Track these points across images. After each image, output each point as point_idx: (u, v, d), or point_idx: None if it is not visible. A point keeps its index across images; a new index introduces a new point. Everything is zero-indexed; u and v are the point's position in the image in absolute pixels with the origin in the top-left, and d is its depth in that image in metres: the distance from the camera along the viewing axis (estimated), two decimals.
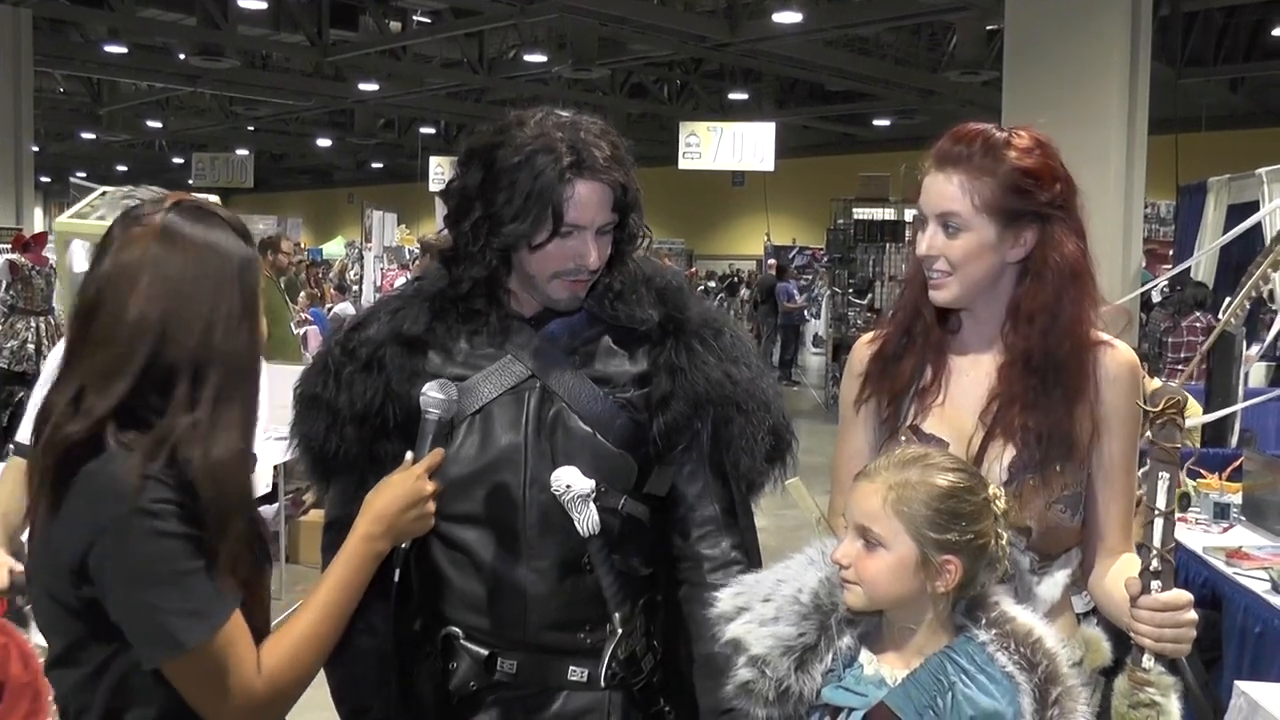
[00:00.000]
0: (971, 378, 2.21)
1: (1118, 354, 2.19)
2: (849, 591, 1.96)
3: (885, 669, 1.97)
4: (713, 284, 27.88)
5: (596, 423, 2.16)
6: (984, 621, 1.96)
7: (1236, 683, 3.38)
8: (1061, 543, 2.18)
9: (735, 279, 28.62)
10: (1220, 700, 3.64)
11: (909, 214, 16.72)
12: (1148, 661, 1.96)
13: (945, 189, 2.13)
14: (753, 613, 2.02)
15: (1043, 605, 2.14)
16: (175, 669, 1.75)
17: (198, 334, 1.78)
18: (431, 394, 2.08)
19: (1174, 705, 1.97)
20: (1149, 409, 1.96)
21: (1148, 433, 1.96)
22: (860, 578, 1.94)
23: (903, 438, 2.18)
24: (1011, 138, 2.14)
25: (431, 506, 2.02)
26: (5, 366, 10.73)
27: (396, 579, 2.10)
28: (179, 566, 1.72)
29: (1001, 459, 2.13)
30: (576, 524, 2.09)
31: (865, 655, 2.00)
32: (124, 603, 1.73)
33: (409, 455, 2.07)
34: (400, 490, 2.02)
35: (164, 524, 1.71)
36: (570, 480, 2.08)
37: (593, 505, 2.09)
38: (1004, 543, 1.97)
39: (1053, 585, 2.17)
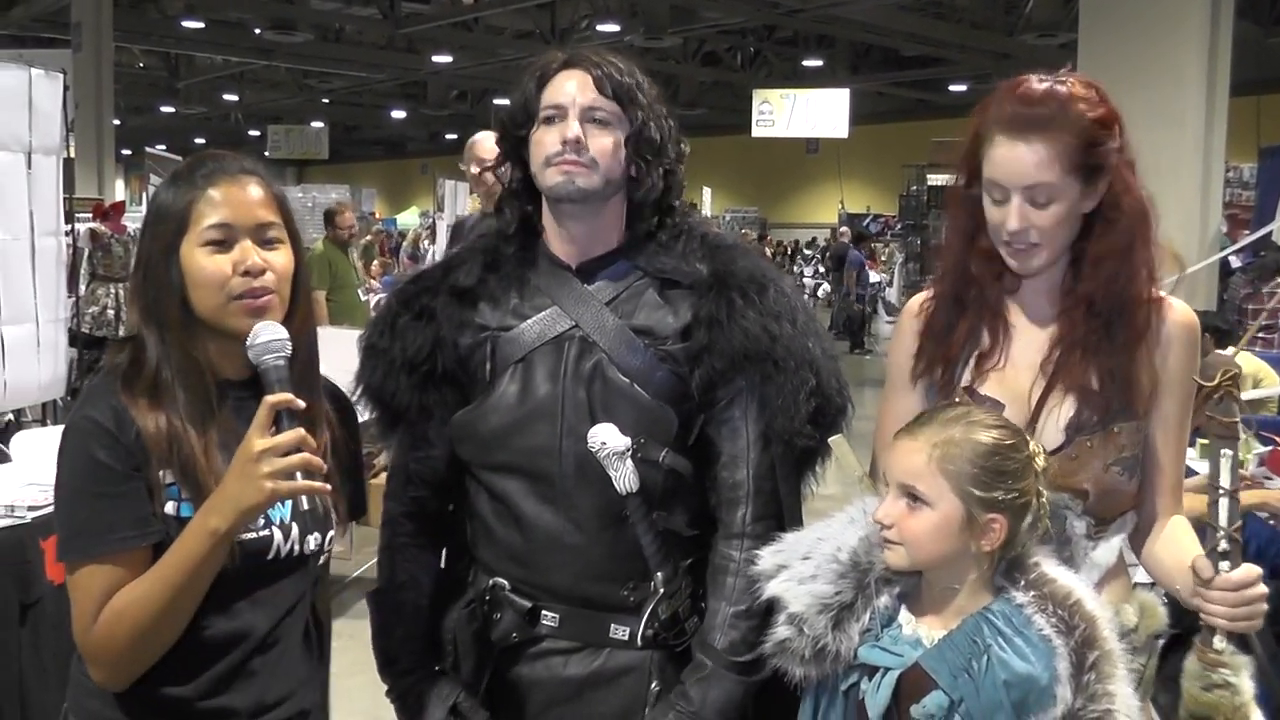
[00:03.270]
0: (1030, 336, 2.17)
1: (1177, 312, 2.16)
2: (891, 551, 1.95)
3: (923, 629, 1.96)
4: (809, 252, 27.58)
5: (636, 374, 2.15)
6: (1023, 583, 1.93)
7: None
8: (1118, 506, 2.15)
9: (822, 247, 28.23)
10: None
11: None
12: (1219, 642, 1.94)
13: (1030, 158, 2.02)
14: (791, 570, 2.02)
15: (1098, 570, 2.11)
16: (66, 577, 1.90)
17: (138, 282, 1.97)
18: (257, 340, 1.89)
19: (1247, 684, 1.95)
20: (1204, 383, 1.93)
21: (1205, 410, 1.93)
22: (903, 537, 1.92)
23: (955, 400, 2.14)
24: (1072, 89, 2.08)
25: (264, 467, 1.76)
26: (87, 331, 10.92)
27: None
28: (82, 486, 1.86)
29: (1059, 416, 2.10)
30: (614, 481, 2.09)
31: (904, 615, 1.99)
32: (54, 501, 1.92)
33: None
34: (235, 457, 1.82)
35: (85, 442, 1.86)
36: (606, 437, 2.08)
37: (630, 462, 2.09)
38: (1044, 501, 1.95)
39: (1109, 550, 2.13)
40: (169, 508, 1.87)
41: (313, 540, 2.02)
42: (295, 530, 1.98)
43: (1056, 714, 1.84)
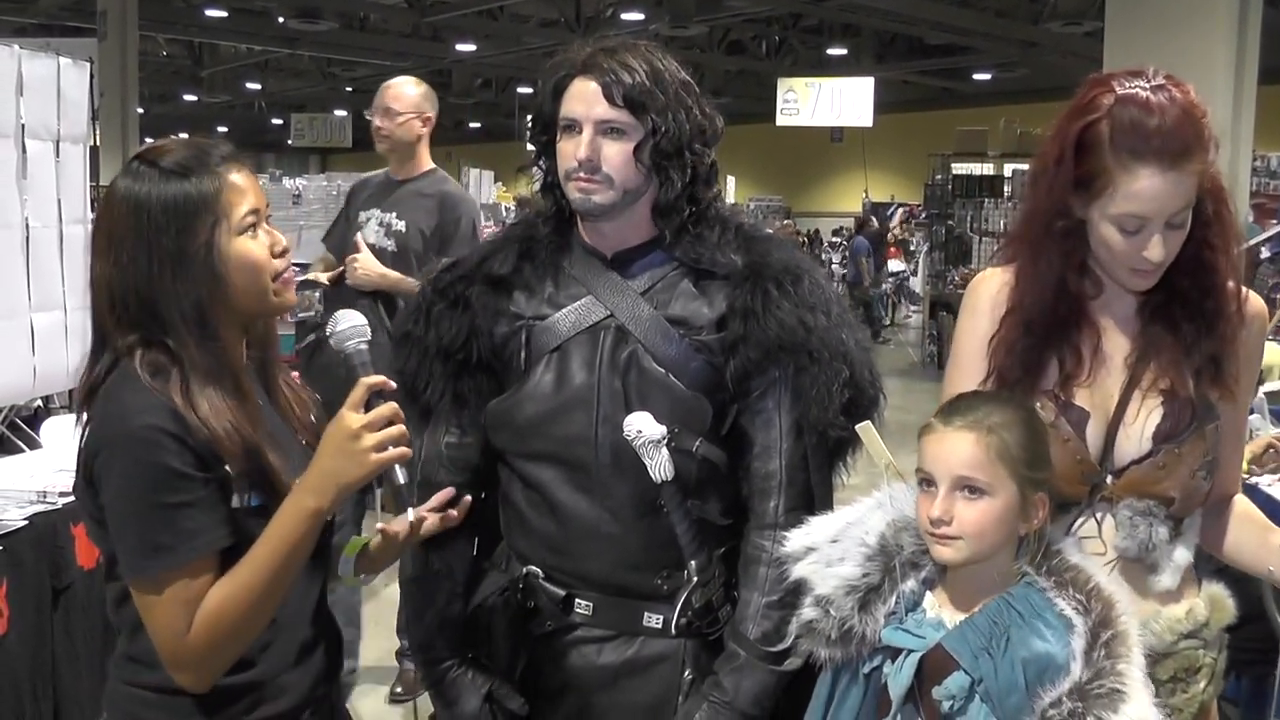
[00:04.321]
0: (1114, 342, 2.12)
1: (1251, 302, 2.14)
2: (948, 547, 1.91)
3: (946, 613, 1.96)
4: (835, 239, 27.44)
5: (671, 364, 2.15)
6: (1045, 569, 1.94)
7: None
8: (1194, 506, 2.14)
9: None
10: None
11: (1008, 169, 16.46)
12: None
13: (1179, 188, 1.92)
14: (820, 553, 2.03)
15: (1179, 572, 2.11)
16: (136, 595, 1.84)
17: (143, 288, 1.86)
18: (338, 329, 1.97)
19: None
20: None
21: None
22: (964, 531, 1.90)
23: (1040, 405, 2.07)
24: (1186, 97, 1.95)
25: (366, 441, 1.82)
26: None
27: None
28: (156, 498, 1.79)
29: (1146, 425, 2.06)
30: (650, 470, 2.09)
31: (929, 600, 1.99)
32: (110, 518, 1.83)
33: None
34: (326, 436, 1.86)
35: (152, 453, 1.79)
36: (642, 425, 2.09)
37: (665, 451, 2.09)
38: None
39: (1186, 551, 2.13)
40: (234, 500, 1.87)
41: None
42: None
43: (1064, 687, 1.84)
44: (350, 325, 1.95)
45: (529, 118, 2.28)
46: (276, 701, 1.95)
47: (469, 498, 2.16)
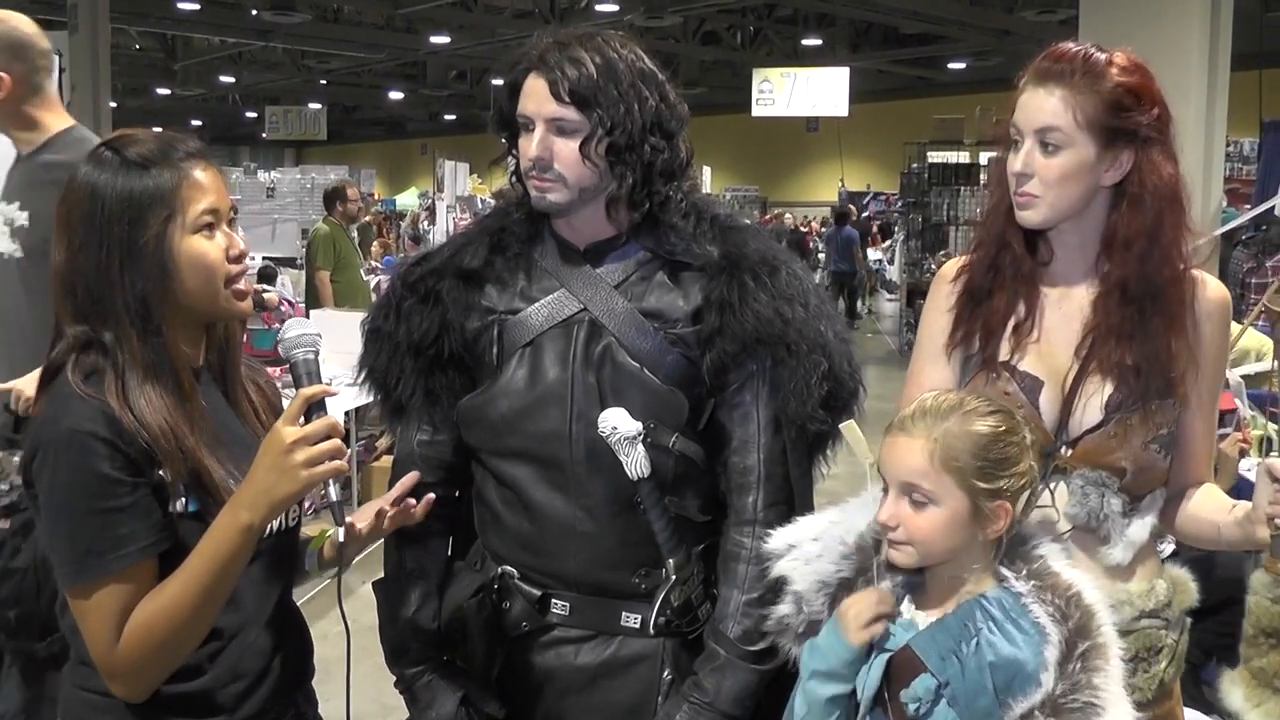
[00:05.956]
0: (1064, 311, 2.16)
1: (1211, 288, 2.16)
2: (898, 552, 1.90)
3: (920, 615, 1.93)
4: (825, 229, 27.48)
5: (646, 358, 2.12)
6: (1025, 572, 1.91)
7: None
8: (1151, 483, 2.15)
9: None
10: None
11: (984, 157, 16.49)
12: None
13: (1046, 103, 2.06)
14: (799, 550, 2.02)
15: (1132, 548, 2.12)
16: (70, 602, 1.82)
17: (91, 277, 1.83)
18: (286, 335, 1.91)
19: None
20: (1274, 308, 1.95)
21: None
22: (911, 538, 1.88)
23: (993, 375, 2.13)
24: (1113, 57, 2.09)
25: (298, 456, 1.75)
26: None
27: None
28: (87, 504, 1.77)
29: (1100, 395, 2.09)
30: (625, 467, 2.06)
31: (906, 601, 1.96)
32: (43, 522, 1.82)
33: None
34: (261, 449, 1.80)
35: (83, 458, 1.76)
36: (617, 422, 2.06)
37: (641, 447, 2.06)
38: (1036, 475, 1.95)
39: (1141, 527, 2.14)
40: (178, 505, 1.84)
41: (291, 511, 2.02)
42: None
43: (1036, 699, 1.81)
44: (299, 333, 1.90)
45: (490, 114, 2.25)
46: (233, 712, 1.92)
47: (432, 495, 2.14)
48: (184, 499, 1.84)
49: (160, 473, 1.81)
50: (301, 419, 1.79)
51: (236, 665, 1.93)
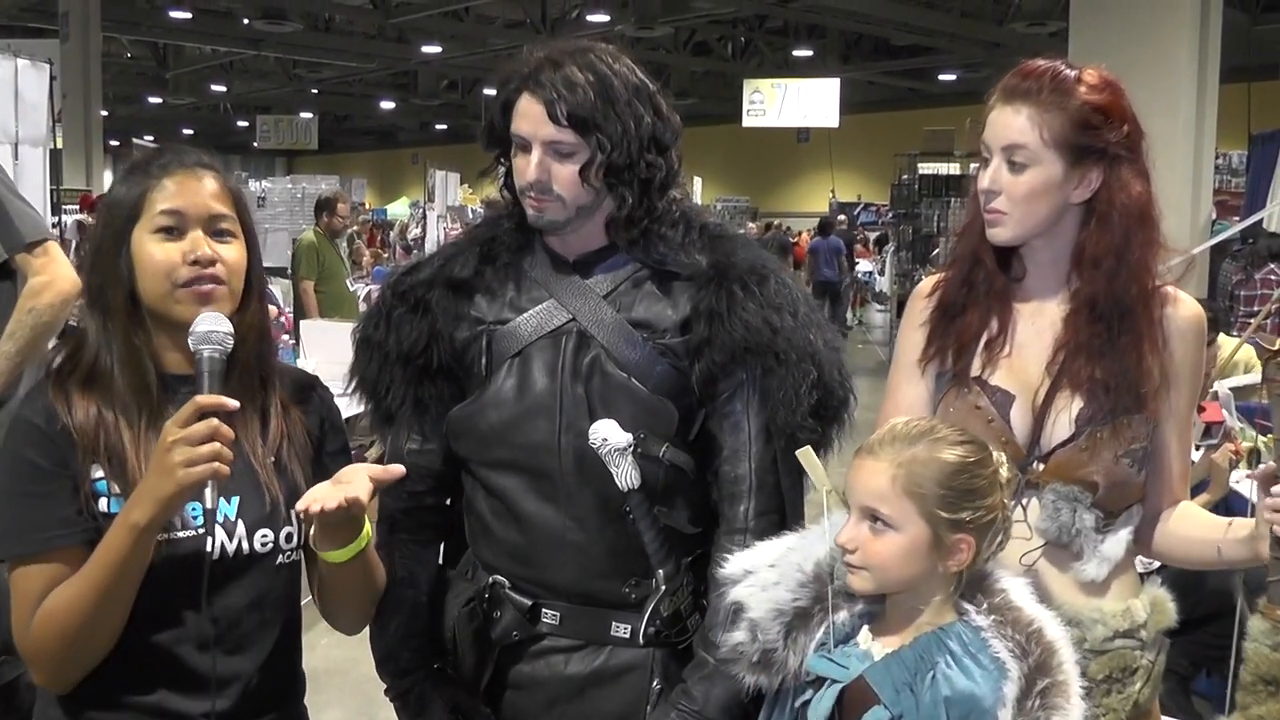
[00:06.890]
0: (1036, 327, 2.16)
1: (1184, 306, 2.16)
2: (856, 576, 1.86)
3: (877, 645, 1.89)
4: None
5: (634, 369, 2.11)
6: (985, 606, 1.87)
7: None
8: (1126, 499, 2.14)
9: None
10: None
11: (974, 168, 16.55)
12: None
13: (1013, 121, 2.07)
14: (757, 576, 1.96)
15: (1108, 564, 2.11)
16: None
17: (86, 270, 1.99)
18: (196, 329, 1.86)
19: None
20: (1267, 347, 1.95)
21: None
22: (868, 562, 1.84)
23: (965, 390, 2.13)
24: (1082, 74, 2.09)
25: (176, 456, 1.72)
26: (75, 324, 10.87)
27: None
28: (13, 486, 1.85)
29: (1070, 409, 2.09)
30: (615, 477, 2.06)
31: (864, 632, 1.92)
32: None
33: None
34: (154, 449, 1.79)
35: (17, 443, 1.87)
36: (607, 434, 2.05)
37: (631, 458, 2.05)
38: (1008, 513, 1.90)
39: (1116, 543, 2.12)
40: (101, 504, 1.85)
41: (262, 537, 1.95)
42: (241, 527, 1.93)
43: None
44: (209, 329, 1.85)
45: (481, 128, 2.25)
46: None
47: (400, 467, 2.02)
48: (108, 498, 1.86)
49: (89, 467, 1.86)
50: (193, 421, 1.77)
51: (152, 680, 1.90)
